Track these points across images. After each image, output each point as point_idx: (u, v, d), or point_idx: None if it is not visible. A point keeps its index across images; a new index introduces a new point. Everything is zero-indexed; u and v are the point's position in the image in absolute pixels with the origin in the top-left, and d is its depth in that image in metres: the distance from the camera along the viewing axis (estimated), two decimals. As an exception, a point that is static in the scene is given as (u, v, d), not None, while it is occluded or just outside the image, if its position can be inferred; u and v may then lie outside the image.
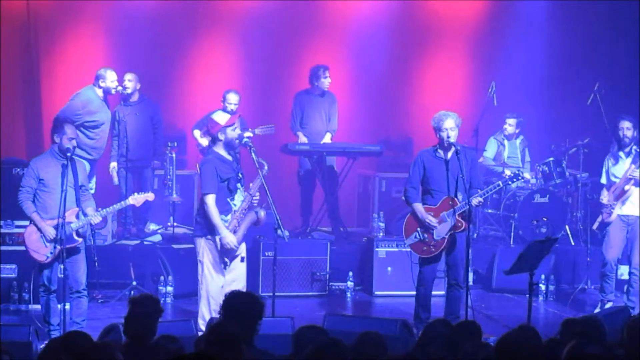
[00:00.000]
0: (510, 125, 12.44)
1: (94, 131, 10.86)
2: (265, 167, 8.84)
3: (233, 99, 11.78)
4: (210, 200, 8.65)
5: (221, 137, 8.79)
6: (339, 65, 12.73)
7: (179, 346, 5.67)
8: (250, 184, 8.85)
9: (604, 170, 10.42)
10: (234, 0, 13.46)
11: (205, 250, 8.74)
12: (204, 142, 11.72)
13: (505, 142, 12.51)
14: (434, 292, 9.39)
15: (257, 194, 8.81)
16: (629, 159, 10.20)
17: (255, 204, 8.85)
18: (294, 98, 12.23)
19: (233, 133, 8.81)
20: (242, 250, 8.90)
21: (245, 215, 8.78)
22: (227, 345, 5.20)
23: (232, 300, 5.93)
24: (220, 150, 8.84)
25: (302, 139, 11.99)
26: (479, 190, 9.16)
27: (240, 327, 5.69)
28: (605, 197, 10.26)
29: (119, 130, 11.41)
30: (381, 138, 13.14)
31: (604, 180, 10.41)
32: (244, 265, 8.93)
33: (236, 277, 8.82)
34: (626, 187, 10.12)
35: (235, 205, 8.74)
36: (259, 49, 13.49)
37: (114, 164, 11.48)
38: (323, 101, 12.13)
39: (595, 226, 11.03)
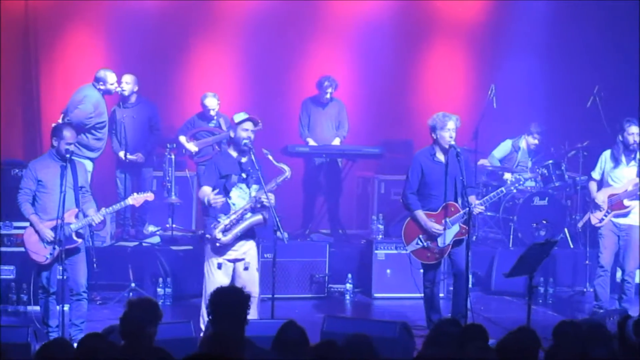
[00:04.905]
0: (534, 138, 12.42)
1: (101, 131, 11.02)
2: (287, 173, 8.76)
3: (211, 103, 11.78)
4: (203, 188, 8.70)
5: (231, 134, 8.81)
6: (340, 68, 12.67)
7: None
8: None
9: (599, 165, 10.29)
10: (233, 2, 13.43)
11: (206, 250, 8.74)
12: (191, 147, 11.74)
13: (521, 151, 12.47)
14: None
15: (265, 194, 8.60)
16: (631, 167, 10.11)
17: (267, 204, 8.59)
18: (300, 105, 12.23)
19: (243, 133, 8.76)
20: (248, 256, 8.74)
21: (242, 216, 8.63)
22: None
23: (214, 299, 5.88)
24: (230, 149, 8.85)
25: (312, 144, 11.99)
26: (479, 197, 9.15)
27: (231, 321, 5.68)
28: (601, 198, 10.22)
29: (117, 130, 11.50)
30: (381, 139, 13.11)
31: (597, 175, 10.28)
32: (250, 274, 8.72)
33: (242, 285, 8.39)
34: (626, 203, 10.09)
35: (234, 205, 8.68)
36: (258, 50, 13.45)
37: (122, 152, 11.42)
38: (330, 108, 12.11)
39: (580, 225, 11.04)
